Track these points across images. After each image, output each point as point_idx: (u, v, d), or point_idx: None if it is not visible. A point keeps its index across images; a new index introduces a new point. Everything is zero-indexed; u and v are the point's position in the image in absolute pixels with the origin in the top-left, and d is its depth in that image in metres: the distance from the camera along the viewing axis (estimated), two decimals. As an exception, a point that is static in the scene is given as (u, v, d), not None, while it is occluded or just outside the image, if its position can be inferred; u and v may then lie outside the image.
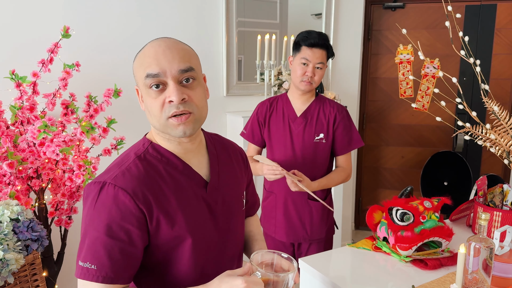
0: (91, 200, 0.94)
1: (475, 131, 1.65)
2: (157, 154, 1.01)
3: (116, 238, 0.91)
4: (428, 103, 3.54)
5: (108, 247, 0.91)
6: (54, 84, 2.04)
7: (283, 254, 0.97)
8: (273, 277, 0.89)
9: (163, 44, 0.95)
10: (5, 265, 1.47)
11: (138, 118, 2.52)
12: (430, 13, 3.45)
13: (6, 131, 1.81)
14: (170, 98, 0.93)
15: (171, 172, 1.00)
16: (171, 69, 0.93)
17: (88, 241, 0.92)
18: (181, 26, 2.67)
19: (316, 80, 1.85)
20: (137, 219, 0.93)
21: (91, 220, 0.93)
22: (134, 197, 0.93)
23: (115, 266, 0.91)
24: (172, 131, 0.96)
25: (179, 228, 0.98)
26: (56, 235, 2.17)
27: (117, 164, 0.99)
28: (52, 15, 2.25)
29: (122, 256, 0.92)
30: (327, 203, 1.97)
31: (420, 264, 1.50)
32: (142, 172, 0.97)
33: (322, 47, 1.82)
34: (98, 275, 0.90)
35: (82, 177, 1.86)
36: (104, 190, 0.93)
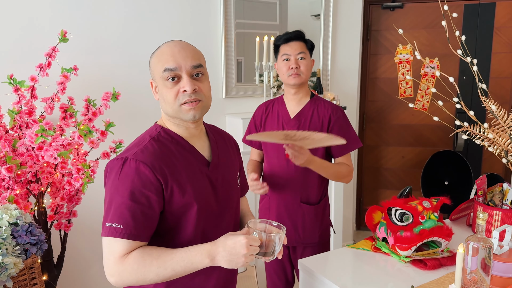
0: (115, 173, 1.12)
1: (473, 130, 1.64)
2: (168, 136, 1.20)
3: (138, 202, 1.09)
4: (428, 102, 3.53)
5: (132, 210, 1.08)
6: (52, 88, 2.04)
7: (273, 223, 1.17)
8: (265, 237, 1.09)
9: (178, 45, 1.17)
10: (4, 270, 1.47)
11: (136, 121, 2.53)
12: (429, 13, 3.44)
13: (5, 135, 1.81)
14: (185, 88, 1.13)
15: (180, 151, 1.20)
16: (185, 64, 1.14)
17: (115, 205, 1.09)
18: (179, 28, 2.67)
19: (303, 70, 1.84)
20: (155, 187, 1.11)
21: (116, 188, 1.10)
22: (152, 168, 1.11)
23: (138, 225, 1.08)
24: (184, 115, 1.16)
25: (188, 197, 1.16)
26: (56, 239, 2.17)
27: (135, 145, 1.17)
28: (50, 19, 2.25)
29: (143, 217, 1.09)
30: (322, 205, 1.95)
31: (419, 264, 1.50)
32: (157, 150, 1.15)
33: (298, 39, 1.86)
34: (124, 232, 1.06)
35: (81, 181, 1.86)
36: (126, 164, 1.11)
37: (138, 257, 1.07)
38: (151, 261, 1.07)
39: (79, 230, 2.34)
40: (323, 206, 1.97)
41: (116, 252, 1.07)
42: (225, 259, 1.07)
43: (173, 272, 1.07)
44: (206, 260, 1.07)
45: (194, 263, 1.08)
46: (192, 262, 1.07)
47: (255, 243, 1.07)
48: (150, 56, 1.21)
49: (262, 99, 2.96)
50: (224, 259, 1.07)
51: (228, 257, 1.06)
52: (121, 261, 1.07)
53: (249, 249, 1.05)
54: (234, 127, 2.83)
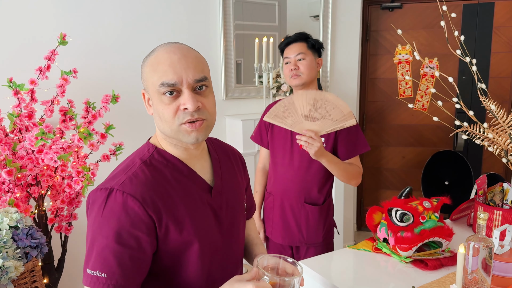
0: (98, 207, 0.93)
1: (472, 130, 1.64)
2: (162, 159, 1.01)
3: (125, 245, 0.91)
4: (427, 102, 3.54)
5: (118, 255, 0.90)
6: (52, 91, 2.04)
7: (288, 259, 0.98)
8: (279, 281, 0.91)
9: (178, 52, 0.96)
10: (5, 273, 1.47)
11: (136, 123, 2.53)
12: (428, 13, 3.45)
13: (5, 138, 1.82)
14: (186, 106, 0.93)
15: (177, 177, 1.00)
16: (187, 77, 0.94)
17: (97, 248, 0.91)
18: (178, 30, 2.68)
19: (302, 71, 1.85)
20: (146, 226, 0.93)
21: (99, 227, 0.92)
22: (143, 203, 0.92)
23: (125, 273, 0.90)
24: (184, 137, 0.97)
25: (187, 233, 0.98)
26: (56, 242, 2.17)
27: (123, 170, 0.98)
28: (49, 22, 2.25)
29: (132, 263, 0.91)
30: (326, 206, 1.95)
31: (420, 265, 1.49)
32: (149, 177, 0.96)
33: (298, 40, 1.88)
34: (109, 283, 0.89)
35: (81, 183, 1.86)
36: (112, 197, 0.92)
37: None
38: None
39: (79, 233, 2.34)
40: (327, 207, 1.97)
41: None
42: None
43: None
44: None
45: None
46: None
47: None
48: (143, 62, 1.00)
49: (262, 100, 2.96)
50: None
51: None
52: None
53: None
54: (234, 128, 2.83)
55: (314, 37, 1.94)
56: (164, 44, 0.99)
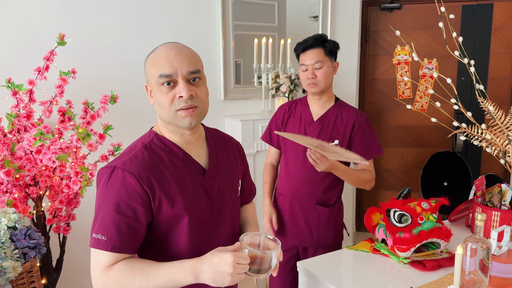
0: (103, 182, 1.10)
1: (471, 131, 1.64)
2: (161, 144, 1.17)
3: (123, 214, 1.07)
4: (427, 103, 3.54)
5: (116, 222, 1.06)
6: (50, 92, 2.04)
7: (269, 236, 1.10)
8: (259, 254, 1.03)
9: (174, 48, 1.12)
10: (3, 273, 1.47)
11: (134, 124, 2.53)
12: (427, 14, 3.45)
13: (3, 139, 1.81)
14: (180, 93, 1.09)
15: (172, 159, 1.15)
16: (181, 69, 1.10)
17: (101, 216, 1.07)
18: (177, 31, 2.68)
19: (320, 79, 1.83)
20: (142, 199, 1.08)
21: (103, 198, 1.09)
22: (139, 179, 1.08)
23: (121, 238, 1.06)
24: (180, 122, 1.12)
25: (178, 208, 1.12)
26: (55, 242, 2.17)
27: (126, 152, 1.15)
28: (48, 23, 2.25)
29: (128, 230, 1.07)
30: (336, 208, 1.95)
31: (418, 266, 1.50)
32: (147, 159, 1.12)
33: (315, 46, 1.82)
34: (108, 244, 1.05)
35: (79, 184, 1.86)
36: (114, 173, 1.09)
37: (121, 270, 1.05)
38: (134, 274, 1.04)
39: (78, 233, 2.34)
40: (337, 208, 1.97)
41: (101, 263, 1.06)
42: (210, 277, 1.01)
43: (155, 287, 1.04)
44: (189, 278, 1.03)
45: (177, 280, 1.03)
46: (175, 278, 1.03)
47: (243, 261, 1.00)
48: (145, 59, 1.17)
49: (261, 101, 2.97)
50: (208, 277, 1.02)
51: (212, 275, 1.01)
52: (105, 273, 1.06)
53: (236, 267, 0.99)
54: (233, 129, 2.83)
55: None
56: (164, 43, 1.16)
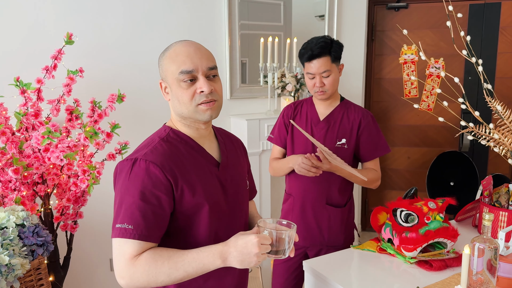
0: (125, 174, 1.12)
1: (478, 131, 1.63)
2: (177, 137, 1.21)
3: (148, 202, 1.09)
4: (433, 103, 3.52)
5: (142, 210, 1.07)
6: (58, 90, 2.06)
7: (283, 221, 1.16)
8: (276, 235, 1.08)
9: (192, 45, 1.16)
10: (11, 270, 1.49)
11: (142, 122, 2.54)
12: (434, 13, 3.43)
13: (12, 137, 1.83)
14: (202, 89, 1.13)
15: (189, 151, 1.20)
16: (201, 66, 1.14)
17: (125, 206, 1.08)
18: (184, 30, 2.68)
19: (328, 87, 1.81)
20: (165, 187, 1.11)
21: (126, 189, 1.10)
22: (162, 168, 1.11)
23: (148, 225, 1.08)
24: (200, 116, 1.16)
25: (198, 197, 1.15)
26: (62, 240, 2.18)
27: (145, 146, 1.18)
28: (55, 22, 2.27)
29: (154, 218, 1.09)
30: (347, 208, 1.94)
31: (425, 266, 1.49)
32: (166, 150, 1.16)
33: (321, 55, 1.77)
34: (135, 233, 1.06)
35: (86, 182, 1.87)
36: (136, 164, 1.11)
37: (149, 258, 1.06)
38: (163, 262, 1.06)
39: (85, 231, 2.35)
40: (348, 209, 1.95)
41: (127, 254, 1.06)
42: (237, 259, 1.06)
43: (184, 273, 1.06)
44: (218, 261, 1.07)
45: (206, 264, 1.07)
46: (204, 263, 1.07)
47: (266, 241, 1.05)
48: (161, 57, 1.19)
49: (267, 100, 2.97)
50: (236, 259, 1.06)
51: (240, 257, 1.05)
52: (132, 263, 1.06)
53: (261, 248, 1.04)
54: (239, 128, 2.84)
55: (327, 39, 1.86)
56: (178, 41, 1.20)
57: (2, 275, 1.44)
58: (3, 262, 1.45)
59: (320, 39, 1.79)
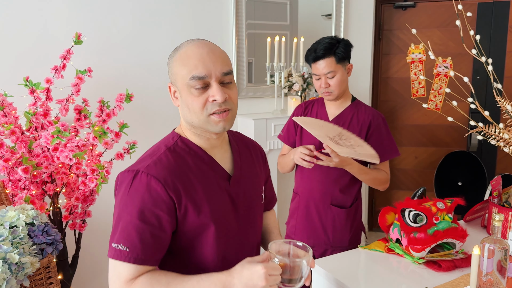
0: (125, 187, 1.02)
1: (488, 130, 1.62)
2: (185, 147, 1.09)
3: (147, 222, 0.99)
4: (441, 102, 3.50)
5: (140, 231, 0.98)
6: (67, 90, 2.07)
7: (298, 243, 1.04)
8: (289, 262, 0.96)
9: (205, 47, 1.03)
10: (21, 269, 1.50)
11: (150, 122, 2.55)
12: (442, 12, 3.41)
13: (21, 136, 1.85)
14: (215, 97, 1.01)
15: (198, 164, 1.08)
16: (215, 71, 1.02)
17: (122, 224, 0.99)
18: (191, 30, 2.69)
19: (333, 88, 1.81)
20: (167, 206, 1.01)
21: (125, 205, 1.00)
22: (165, 185, 1.01)
23: (146, 248, 0.98)
24: (212, 127, 1.05)
25: (204, 216, 1.05)
26: (70, 239, 2.20)
27: (149, 155, 1.07)
28: (64, 22, 2.28)
29: (152, 240, 0.99)
30: (353, 209, 1.92)
31: (433, 266, 1.48)
32: (172, 162, 1.05)
33: (325, 56, 1.77)
34: (131, 256, 0.97)
35: (95, 181, 1.89)
36: (137, 178, 1.01)
37: (145, 284, 0.97)
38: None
39: (93, 230, 2.37)
40: (354, 210, 1.94)
41: (122, 277, 0.98)
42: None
43: None
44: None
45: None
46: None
47: (275, 272, 0.94)
48: (170, 57, 1.08)
49: (274, 100, 2.97)
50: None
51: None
52: (127, 287, 0.98)
53: (268, 280, 0.93)
54: (246, 127, 2.84)
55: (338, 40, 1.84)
56: (190, 40, 1.07)
57: (12, 273, 1.46)
58: (14, 260, 1.46)
59: (326, 40, 1.79)
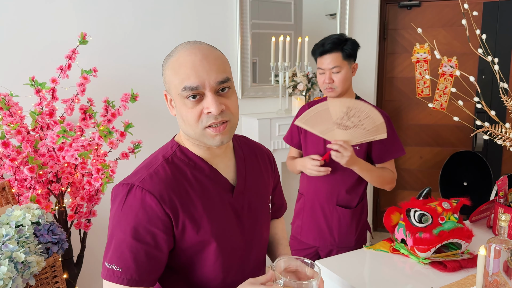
0: (119, 202, 0.95)
1: (494, 130, 1.61)
2: (184, 157, 1.02)
3: (142, 241, 0.92)
4: (446, 102, 3.48)
5: (134, 250, 0.92)
6: (72, 90, 2.08)
7: (306, 260, 0.97)
8: (296, 285, 0.88)
9: (199, 53, 0.94)
10: (27, 268, 1.51)
11: (154, 122, 2.55)
12: (447, 11, 3.40)
13: (27, 136, 1.85)
14: (209, 109, 0.93)
15: (197, 176, 1.01)
16: (209, 80, 0.92)
17: (115, 242, 0.93)
18: (196, 30, 2.69)
19: (337, 84, 1.79)
20: (163, 223, 0.94)
21: (118, 222, 0.94)
22: (161, 201, 0.94)
23: (140, 269, 0.92)
24: (209, 141, 0.97)
25: (204, 233, 0.98)
26: (75, 238, 2.21)
27: (145, 166, 1.00)
28: (69, 22, 2.29)
29: (147, 259, 0.93)
30: (359, 210, 1.92)
31: (439, 266, 1.48)
32: (169, 175, 0.97)
33: (332, 51, 1.77)
34: (124, 277, 0.91)
35: (100, 181, 1.89)
36: (132, 193, 0.94)
37: None
38: None
39: (98, 229, 2.38)
40: (360, 210, 1.93)
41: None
42: None
43: None
44: None
45: None
46: None
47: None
48: (164, 64, 1.00)
49: (278, 99, 2.96)
50: None
51: None
52: None
53: None
54: (250, 127, 2.84)
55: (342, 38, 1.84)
56: (185, 43, 0.98)
57: (18, 272, 1.47)
58: (19, 259, 1.47)
59: (335, 36, 1.80)
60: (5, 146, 1.78)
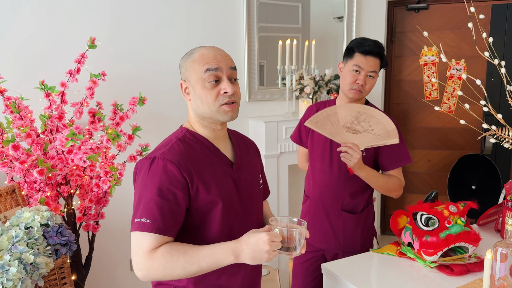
0: (144, 171, 1.18)
1: (501, 133, 1.60)
2: (193, 137, 1.26)
3: (165, 198, 1.14)
4: (454, 105, 3.47)
5: (159, 206, 1.13)
6: (81, 93, 2.10)
7: (294, 219, 1.21)
8: (286, 233, 1.13)
9: (216, 49, 1.24)
10: (36, 269, 1.52)
11: (162, 125, 2.57)
12: (455, 14, 3.38)
13: (37, 139, 1.88)
14: (226, 90, 1.20)
15: (205, 151, 1.25)
16: (225, 66, 1.21)
17: (144, 201, 1.14)
18: (203, 33, 2.71)
19: (366, 89, 1.78)
20: (181, 185, 1.16)
21: (145, 185, 1.16)
22: (179, 167, 1.16)
23: (165, 220, 1.13)
24: (222, 116, 1.22)
25: (212, 194, 1.20)
26: (84, 240, 2.23)
27: (163, 146, 1.23)
28: (79, 26, 2.32)
29: (170, 213, 1.14)
30: (364, 215, 1.90)
31: (446, 270, 1.47)
32: (183, 150, 1.21)
33: (377, 55, 1.75)
34: (153, 227, 1.11)
35: (108, 183, 1.91)
36: (155, 162, 1.17)
37: (166, 252, 1.11)
38: (178, 256, 1.11)
39: (106, 231, 2.40)
40: (365, 216, 1.91)
41: (145, 247, 1.11)
42: (249, 256, 1.10)
43: (199, 267, 1.11)
44: (230, 258, 1.11)
45: (219, 260, 1.12)
46: (217, 259, 1.11)
47: (276, 239, 1.10)
48: (185, 59, 1.25)
49: (285, 102, 2.97)
50: (248, 256, 1.11)
51: (251, 254, 1.10)
52: (150, 256, 1.11)
53: (271, 245, 1.09)
54: (257, 130, 2.85)
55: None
56: (202, 46, 1.27)
57: (27, 273, 1.48)
58: (29, 260, 1.48)
59: (378, 42, 1.79)
60: (15, 149, 1.81)
